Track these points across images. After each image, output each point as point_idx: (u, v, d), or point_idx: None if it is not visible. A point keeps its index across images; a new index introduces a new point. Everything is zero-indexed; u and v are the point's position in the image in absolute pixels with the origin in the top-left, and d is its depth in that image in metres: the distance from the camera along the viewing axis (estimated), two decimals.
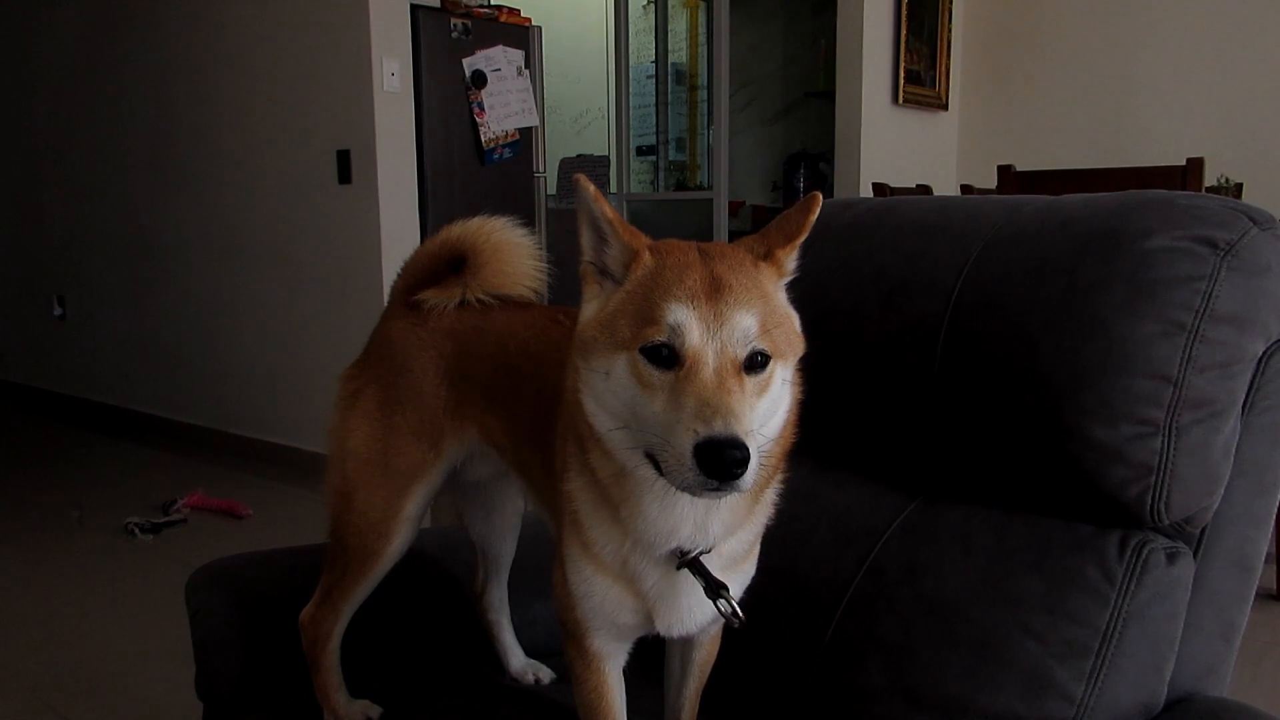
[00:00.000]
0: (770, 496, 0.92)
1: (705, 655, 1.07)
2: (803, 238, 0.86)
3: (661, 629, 0.93)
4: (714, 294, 0.78)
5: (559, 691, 1.29)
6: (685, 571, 0.88)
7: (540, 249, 1.25)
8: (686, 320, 0.76)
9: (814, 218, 0.87)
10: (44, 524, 3.58)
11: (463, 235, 1.22)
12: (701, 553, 0.87)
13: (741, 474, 0.71)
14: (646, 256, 0.83)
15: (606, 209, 0.83)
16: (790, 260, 0.87)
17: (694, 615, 0.92)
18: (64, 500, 3.84)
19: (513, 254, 1.23)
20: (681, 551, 0.87)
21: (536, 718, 1.26)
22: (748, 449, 0.71)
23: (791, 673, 1.12)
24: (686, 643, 1.05)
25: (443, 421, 1.18)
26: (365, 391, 1.23)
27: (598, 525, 0.90)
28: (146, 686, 2.34)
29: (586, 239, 0.85)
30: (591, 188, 0.82)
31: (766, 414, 0.80)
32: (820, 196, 0.89)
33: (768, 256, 0.86)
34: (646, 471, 0.80)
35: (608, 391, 0.80)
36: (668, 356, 0.76)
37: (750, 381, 0.77)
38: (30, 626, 2.72)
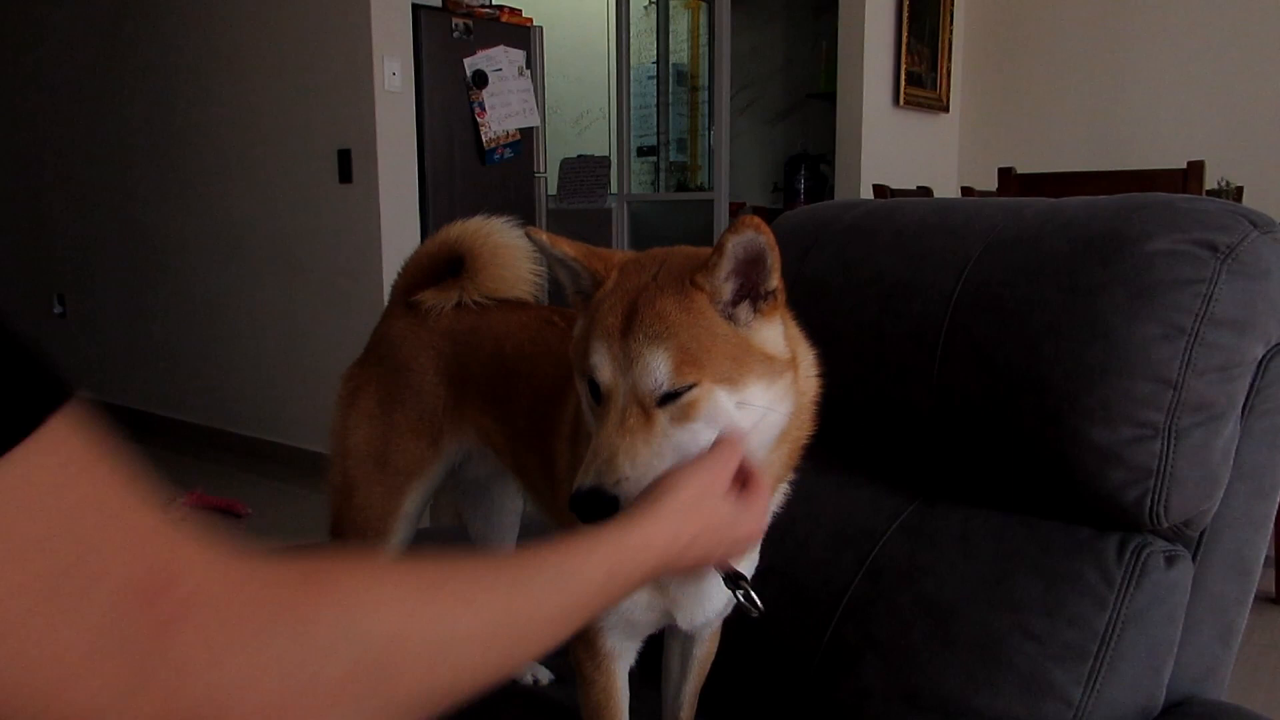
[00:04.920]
0: (784, 487, 0.93)
1: (705, 652, 1.08)
2: (718, 262, 0.77)
3: (683, 622, 0.93)
4: (627, 330, 0.76)
5: (558, 691, 1.29)
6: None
7: (538, 252, 1.25)
8: (601, 358, 0.77)
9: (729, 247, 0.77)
10: None
11: (461, 236, 1.22)
12: None
13: (609, 514, 0.71)
14: (613, 276, 0.82)
15: (566, 248, 0.83)
16: (714, 282, 0.77)
17: (712, 603, 0.93)
18: None
19: (510, 257, 1.23)
20: None
21: (536, 718, 1.26)
22: (611, 500, 0.72)
23: (790, 674, 1.12)
24: (686, 639, 1.05)
25: (442, 421, 1.18)
26: (365, 390, 1.23)
27: None
28: None
29: (563, 275, 0.87)
30: (544, 235, 0.84)
31: (693, 439, 0.76)
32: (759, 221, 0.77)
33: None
34: None
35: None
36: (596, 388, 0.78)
37: (666, 411, 0.75)
38: None
